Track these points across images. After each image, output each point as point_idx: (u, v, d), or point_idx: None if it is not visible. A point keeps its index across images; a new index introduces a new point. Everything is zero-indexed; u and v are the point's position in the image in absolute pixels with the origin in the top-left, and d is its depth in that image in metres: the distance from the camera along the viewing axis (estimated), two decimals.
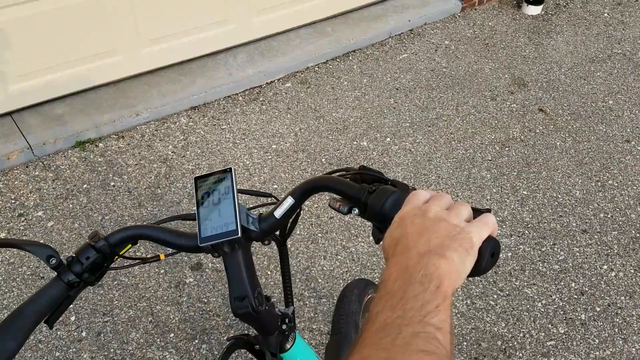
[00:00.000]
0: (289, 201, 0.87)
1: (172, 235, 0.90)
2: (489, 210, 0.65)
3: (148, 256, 0.96)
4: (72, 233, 2.47)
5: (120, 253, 0.89)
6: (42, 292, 0.82)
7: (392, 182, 0.78)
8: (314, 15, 3.71)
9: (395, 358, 0.46)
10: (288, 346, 1.08)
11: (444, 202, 0.63)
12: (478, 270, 0.61)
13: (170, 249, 0.92)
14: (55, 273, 0.84)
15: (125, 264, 0.95)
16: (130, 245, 0.90)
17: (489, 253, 0.61)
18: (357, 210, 0.78)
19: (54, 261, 0.82)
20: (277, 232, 1.01)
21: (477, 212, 0.65)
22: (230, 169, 0.87)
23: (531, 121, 3.18)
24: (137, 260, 0.95)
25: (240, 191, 0.97)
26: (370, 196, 0.76)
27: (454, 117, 3.18)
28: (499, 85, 3.43)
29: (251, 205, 0.97)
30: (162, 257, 0.96)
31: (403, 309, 0.50)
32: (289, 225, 1.00)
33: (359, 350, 0.49)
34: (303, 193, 0.87)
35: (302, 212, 1.05)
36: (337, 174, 0.88)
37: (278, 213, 0.87)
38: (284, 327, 1.06)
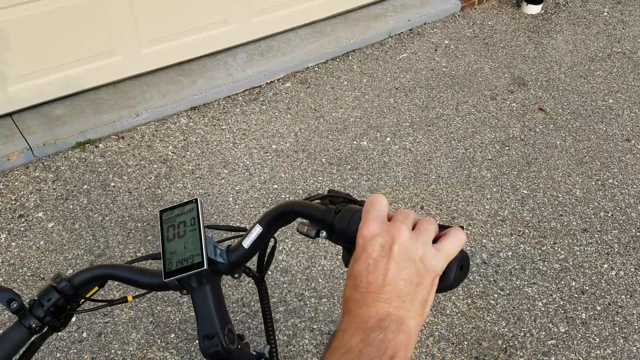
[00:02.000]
0: (257, 229, 0.82)
1: (137, 274, 0.86)
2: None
3: (115, 298, 0.94)
4: (73, 234, 2.47)
5: (88, 295, 0.85)
6: (3, 337, 0.77)
7: (360, 202, 0.73)
8: (313, 15, 3.71)
9: None
10: None
11: (409, 221, 0.59)
12: (446, 286, 0.58)
13: (139, 289, 0.88)
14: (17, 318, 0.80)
15: (91, 307, 0.89)
16: (97, 288, 0.85)
17: (456, 267, 0.58)
18: (324, 233, 0.74)
19: (14, 305, 0.78)
20: (254, 268, 0.97)
21: (442, 228, 0.61)
22: (196, 199, 0.83)
23: (531, 120, 3.18)
24: (103, 303, 0.90)
25: (213, 227, 0.93)
26: (337, 216, 0.72)
27: (454, 116, 3.18)
28: (499, 84, 3.43)
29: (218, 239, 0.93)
30: (129, 298, 0.91)
31: None
32: (265, 259, 0.95)
33: None
34: (271, 220, 0.82)
35: (277, 244, 1.01)
36: (306, 199, 0.84)
37: (246, 243, 0.82)
38: None
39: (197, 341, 2.11)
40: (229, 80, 3.26)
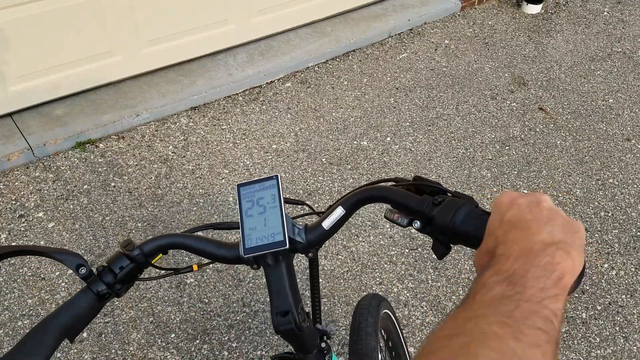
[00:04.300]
0: (339, 211, 0.81)
1: (211, 245, 0.85)
2: None
3: (180, 267, 0.93)
4: (73, 234, 2.47)
5: (152, 262, 0.85)
6: (70, 303, 0.77)
7: (454, 193, 0.73)
8: (313, 15, 3.71)
9: (513, 326, 0.46)
10: None
11: None
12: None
13: (206, 259, 0.87)
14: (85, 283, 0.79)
15: (155, 275, 0.90)
16: (161, 255, 0.85)
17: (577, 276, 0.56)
18: (418, 224, 0.73)
19: (83, 270, 0.77)
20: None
21: None
22: (277, 176, 0.82)
23: (531, 120, 3.18)
24: (169, 271, 0.90)
25: (287, 201, 0.91)
26: (436, 208, 0.71)
27: (454, 116, 3.18)
28: (499, 84, 3.43)
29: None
30: (195, 267, 0.91)
31: (523, 287, 0.50)
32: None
33: (472, 310, 0.49)
34: (355, 203, 0.81)
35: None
36: (389, 183, 0.83)
37: (326, 224, 0.82)
38: (323, 345, 1.02)
39: (197, 341, 2.11)
40: (229, 80, 3.27)
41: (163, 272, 0.91)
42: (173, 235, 0.85)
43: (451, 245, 0.71)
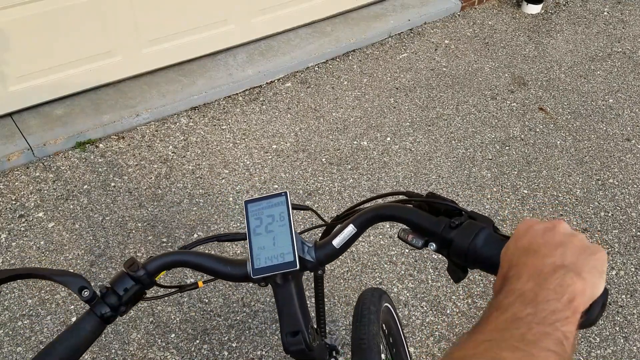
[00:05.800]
0: (350, 230, 0.79)
1: (218, 263, 0.82)
2: None
3: (185, 284, 0.88)
4: (73, 234, 2.47)
5: (156, 279, 0.82)
6: (74, 328, 0.75)
7: (470, 214, 0.70)
8: (313, 15, 3.71)
9: (524, 350, 0.47)
10: None
11: None
12: (588, 320, 0.55)
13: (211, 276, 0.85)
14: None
15: (160, 294, 0.86)
16: (164, 272, 0.83)
17: (600, 303, 0.55)
18: (434, 246, 0.71)
19: (86, 293, 0.75)
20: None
21: None
22: (285, 193, 0.80)
23: (531, 120, 3.18)
24: (174, 289, 0.87)
25: (295, 207, 0.90)
26: (454, 231, 0.68)
27: (454, 116, 3.18)
28: (499, 84, 3.43)
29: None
30: (200, 284, 0.88)
31: (535, 309, 0.51)
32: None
33: (485, 332, 0.50)
34: (367, 222, 0.80)
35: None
36: (399, 197, 0.81)
37: (337, 242, 0.80)
38: None
39: (197, 341, 2.11)
40: (229, 80, 3.27)
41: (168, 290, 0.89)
42: (178, 252, 0.83)
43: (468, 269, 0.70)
